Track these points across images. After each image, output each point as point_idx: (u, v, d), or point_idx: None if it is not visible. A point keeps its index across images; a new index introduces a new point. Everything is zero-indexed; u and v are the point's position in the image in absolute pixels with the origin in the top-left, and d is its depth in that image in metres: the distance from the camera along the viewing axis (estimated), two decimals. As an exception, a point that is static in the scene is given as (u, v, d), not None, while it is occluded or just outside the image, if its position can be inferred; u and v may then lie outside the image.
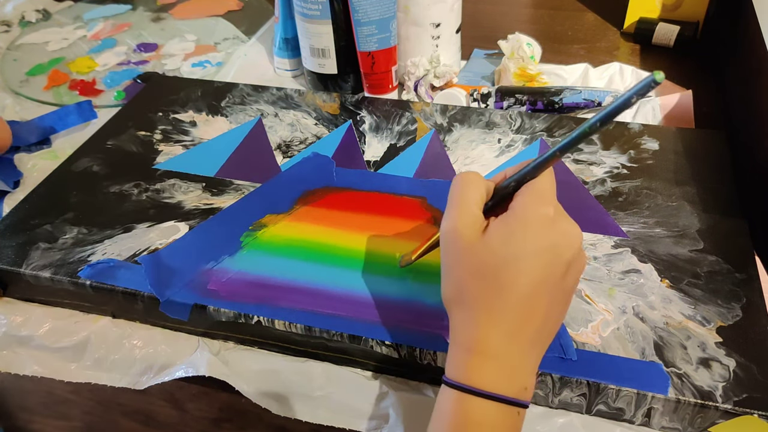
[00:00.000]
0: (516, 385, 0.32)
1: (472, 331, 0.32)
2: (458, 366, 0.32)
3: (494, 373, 0.31)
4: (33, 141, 0.65)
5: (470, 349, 0.32)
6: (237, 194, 0.53)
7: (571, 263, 0.32)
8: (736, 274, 0.43)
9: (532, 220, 0.31)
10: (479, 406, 0.31)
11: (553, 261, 0.31)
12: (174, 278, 0.45)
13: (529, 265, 0.31)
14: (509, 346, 0.31)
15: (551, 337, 0.33)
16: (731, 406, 0.36)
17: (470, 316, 0.32)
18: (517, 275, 0.31)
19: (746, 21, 0.64)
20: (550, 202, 0.32)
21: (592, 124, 0.30)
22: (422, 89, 0.67)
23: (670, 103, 0.64)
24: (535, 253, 0.31)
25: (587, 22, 0.84)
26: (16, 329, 0.47)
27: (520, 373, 0.32)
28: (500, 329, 0.31)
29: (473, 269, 0.32)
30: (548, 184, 0.33)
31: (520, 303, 0.31)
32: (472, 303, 0.32)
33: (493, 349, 0.31)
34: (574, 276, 0.33)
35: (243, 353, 0.45)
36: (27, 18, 0.93)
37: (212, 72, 0.78)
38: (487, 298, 0.31)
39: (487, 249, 0.32)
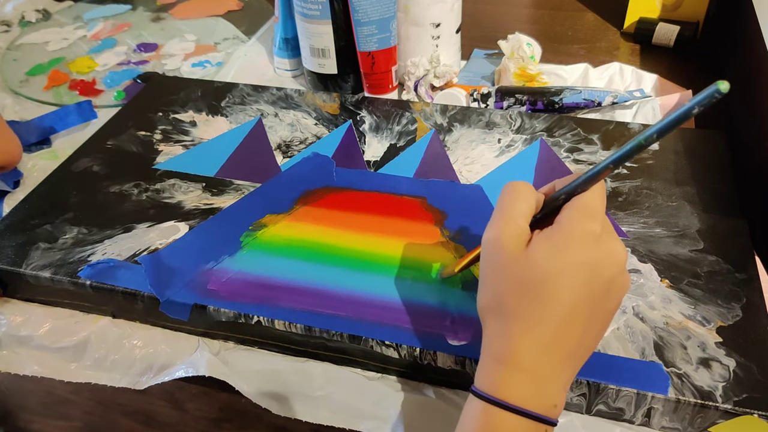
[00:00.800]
0: (545, 402, 0.31)
1: (506, 343, 0.31)
2: (488, 377, 0.32)
3: (524, 387, 0.31)
4: (33, 141, 0.65)
5: (502, 361, 0.31)
6: (237, 194, 0.53)
7: (613, 282, 0.31)
8: (736, 274, 0.43)
9: (577, 236, 0.31)
10: (506, 420, 0.31)
11: (594, 278, 0.31)
12: (174, 278, 0.45)
13: (570, 281, 0.30)
14: (542, 361, 0.31)
15: (586, 356, 0.32)
16: (731, 406, 0.36)
17: (506, 328, 0.32)
18: (556, 290, 0.30)
19: (746, 21, 0.64)
20: (597, 218, 0.31)
21: (648, 135, 0.29)
22: (422, 89, 0.67)
23: (670, 103, 0.64)
24: (577, 269, 0.30)
25: (587, 22, 0.84)
26: (16, 329, 0.47)
27: (551, 389, 0.31)
28: (535, 343, 0.31)
29: (514, 282, 0.31)
30: (597, 200, 0.32)
31: (557, 318, 0.31)
32: (509, 315, 0.32)
33: (526, 363, 0.31)
34: (616, 296, 0.32)
35: (243, 353, 0.45)
36: (27, 18, 0.93)
37: (212, 72, 0.78)
38: (525, 311, 0.31)
39: (530, 263, 0.31)
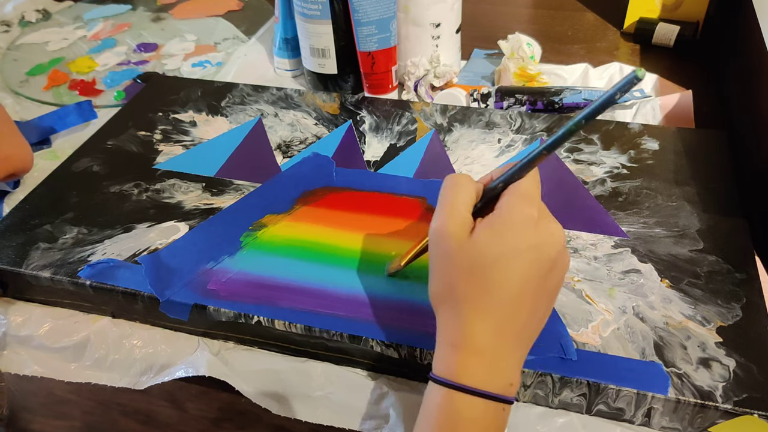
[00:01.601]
0: (502, 382, 0.32)
1: (459, 328, 0.33)
2: (445, 362, 0.33)
3: (480, 369, 0.32)
4: (33, 141, 0.65)
5: (456, 345, 0.33)
6: (237, 194, 0.53)
7: (555, 261, 0.33)
8: (736, 274, 0.43)
9: (517, 221, 0.32)
10: (465, 402, 0.32)
11: (538, 259, 0.32)
12: (174, 278, 0.45)
13: (515, 264, 0.32)
14: (496, 342, 0.32)
15: (536, 334, 0.34)
16: (731, 406, 0.36)
17: (457, 314, 0.33)
18: (503, 273, 0.32)
19: (746, 21, 0.64)
20: (533, 202, 0.33)
21: (577, 121, 0.31)
22: (422, 89, 0.67)
23: (670, 103, 0.64)
24: (520, 252, 0.32)
25: (587, 22, 0.84)
26: (16, 329, 0.47)
27: (505, 369, 0.33)
28: (487, 325, 0.32)
29: (461, 268, 0.33)
30: (532, 185, 0.34)
31: (506, 300, 0.32)
32: (460, 301, 0.33)
33: (480, 345, 0.32)
34: (559, 274, 0.34)
35: (243, 353, 0.45)
36: (27, 18, 0.93)
37: (212, 72, 0.78)
38: (475, 296, 0.32)
39: (475, 249, 0.32)
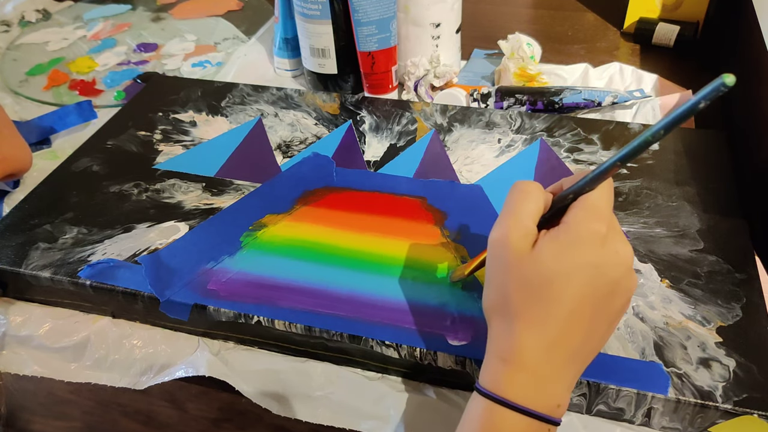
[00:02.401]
0: (549, 401, 0.31)
1: (511, 342, 0.32)
2: (492, 375, 0.32)
3: (528, 386, 0.31)
4: (33, 141, 0.65)
5: (506, 360, 0.32)
6: (237, 194, 0.53)
7: (617, 283, 0.31)
8: (736, 274, 0.43)
9: (583, 237, 0.31)
10: (508, 418, 0.31)
11: (598, 279, 0.31)
12: (174, 278, 0.45)
13: (574, 282, 0.31)
14: (546, 360, 0.31)
15: (591, 357, 0.33)
16: (731, 406, 0.36)
17: (510, 327, 0.32)
18: (561, 290, 0.31)
19: (746, 21, 0.64)
20: (603, 218, 0.31)
21: (655, 131, 0.29)
22: (422, 89, 0.67)
23: (670, 103, 0.64)
24: (581, 270, 0.31)
25: (587, 22, 0.84)
26: (16, 329, 0.47)
27: (554, 389, 0.32)
28: (538, 342, 0.31)
29: (520, 281, 0.32)
30: (603, 199, 0.32)
31: (561, 318, 0.31)
32: (514, 314, 0.32)
33: (529, 362, 0.31)
34: (622, 297, 0.32)
35: (243, 353, 0.45)
36: (27, 18, 0.93)
37: (212, 72, 0.78)
38: (530, 311, 0.31)
39: (536, 263, 0.31)
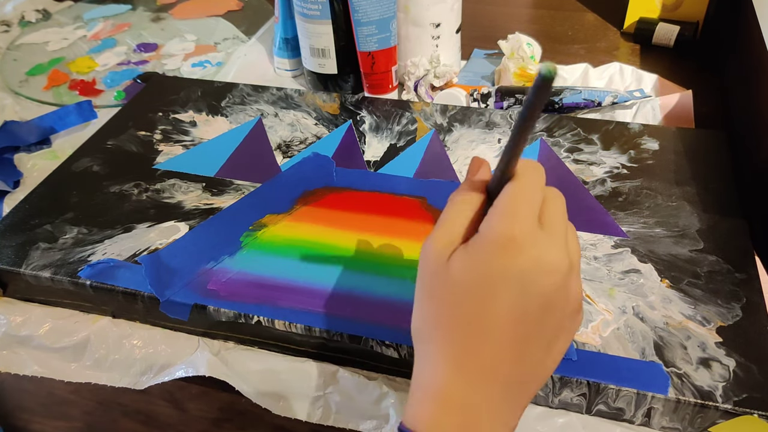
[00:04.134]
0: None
1: (429, 373, 0.28)
2: (413, 411, 0.28)
3: (442, 418, 0.27)
4: (33, 141, 0.65)
5: (427, 394, 0.28)
6: (237, 194, 0.53)
7: (547, 296, 0.27)
8: (736, 274, 0.43)
9: (493, 242, 0.26)
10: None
11: (518, 292, 0.26)
12: (174, 278, 0.45)
13: (487, 296, 0.26)
14: (469, 394, 0.27)
15: (532, 386, 0.28)
16: (731, 406, 0.36)
17: (426, 355, 0.28)
18: (474, 309, 0.27)
19: (746, 21, 0.64)
20: (517, 218, 0.26)
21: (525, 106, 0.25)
22: (422, 89, 0.67)
23: (670, 103, 0.64)
24: (494, 282, 0.26)
25: (587, 22, 0.84)
26: (16, 329, 0.47)
27: (478, 423, 0.27)
28: (457, 372, 0.27)
29: (433, 299, 0.28)
30: (522, 194, 0.27)
31: (478, 343, 0.27)
32: (430, 338, 0.28)
33: (450, 397, 0.27)
34: (556, 314, 0.27)
35: (243, 353, 0.45)
36: (27, 18, 0.92)
37: (212, 72, 0.78)
38: (444, 335, 0.27)
39: (446, 278, 0.27)
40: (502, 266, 0.26)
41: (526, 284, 0.26)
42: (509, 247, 0.26)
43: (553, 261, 0.27)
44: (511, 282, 0.26)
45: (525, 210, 0.27)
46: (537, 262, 0.26)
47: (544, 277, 0.26)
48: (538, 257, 0.26)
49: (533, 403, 0.40)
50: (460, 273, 0.27)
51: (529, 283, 0.26)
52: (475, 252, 0.27)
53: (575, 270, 0.28)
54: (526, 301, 0.26)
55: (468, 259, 0.27)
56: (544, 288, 0.26)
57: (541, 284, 0.26)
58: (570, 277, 0.27)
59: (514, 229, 0.26)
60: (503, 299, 0.26)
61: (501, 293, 0.26)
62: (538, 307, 0.27)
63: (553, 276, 0.27)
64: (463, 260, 0.27)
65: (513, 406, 0.28)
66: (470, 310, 0.27)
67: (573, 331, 0.29)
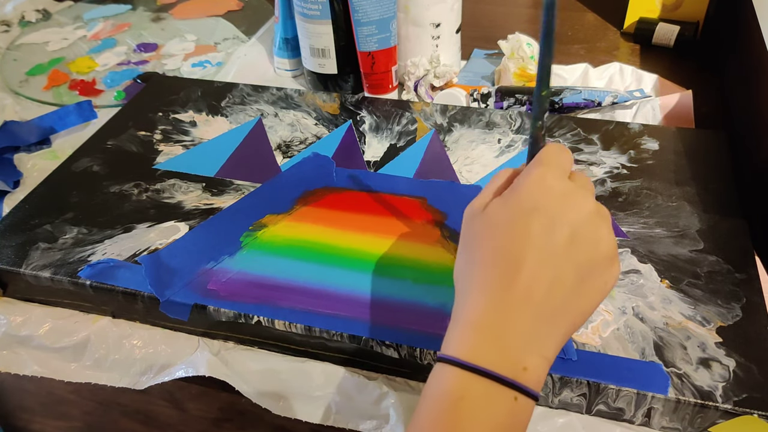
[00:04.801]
0: (511, 363, 0.28)
1: (465, 302, 0.30)
2: (447, 339, 0.30)
3: (471, 340, 0.28)
4: (33, 141, 0.65)
5: (456, 320, 0.30)
6: (237, 194, 0.53)
7: (574, 227, 0.29)
8: (736, 274, 0.43)
9: (523, 184, 0.30)
10: (459, 378, 0.27)
11: (547, 224, 0.29)
12: (174, 278, 0.45)
13: (519, 228, 0.29)
14: (496, 315, 0.28)
15: (564, 319, 0.29)
16: (731, 406, 0.36)
17: (461, 288, 0.31)
18: (503, 240, 0.29)
19: (746, 21, 0.64)
20: (541, 165, 0.30)
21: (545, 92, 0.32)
22: (422, 89, 0.67)
23: (670, 103, 0.64)
24: (525, 215, 0.29)
25: (587, 22, 0.84)
26: (16, 329, 0.47)
27: (516, 349, 0.28)
28: (485, 297, 0.29)
29: (467, 240, 0.31)
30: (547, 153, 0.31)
31: (506, 269, 0.29)
32: (468, 275, 0.30)
33: (477, 318, 0.29)
34: (585, 245, 0.29)
35: (243, 353, 0.45)
36: (27, 18, 0.92)
37: (212, 72, 0.78)
38: (473, 267, 0.30)
39: (483, 219, 0.31)
40: (534, 201, 0.29)
41: (554, 216, 0.29)
42: (540, 185, 0.29)
43: (580, 200, 0.30)
44: (541, 213, 0.29)
45: (555, 162, 0.31)
46: (565, 198, 0.29)
47: (572, 212, 0.29)
48: (566, 195, 0.29)
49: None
50: (495, 214, 0.30)
51: (557, 214, 0.29)
52: (509, 196, 0.30)
53: (605, 218, 0.30)
54: (555, 230, 0.29)
55: (502, 202, 0.30)
56: (571, 219, 0.29)
57: (569, 216, 0.29)
58: (598, 218, 0.30)
59: (546, 174, 0.30)
60: (534, 228, 0.29)
61: (532, 224, 0.29)
62: (567, 236, 0.29)
63: (580, 211, 0.29)
64: (498, 204, 0.30)
65: (548, 336, 0.29)
66: (503, 243, 0.29)
67: (610, 277, 0.30)
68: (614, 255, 0.30)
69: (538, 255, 0.29)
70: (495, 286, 0.29)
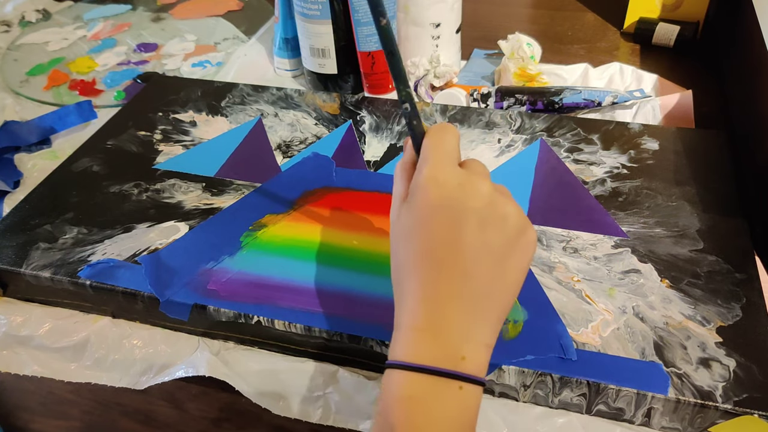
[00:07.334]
0: (449, 355, 0.29)
1: (398, 309, 0.31)
2: (391, 346, 0.31)
3: (412, 342, 0.30)
4: (33, 141, 0.65)
5: (398, 327, 0.31)
6: (237, 194, 0.53)
7: (478, 213, 0.30)
8: (736, 274, 0.43)
9: (419, 187, 0.31)
10: (406, 379, 0.29)
11: (452, 219, 0.30)
12: (174, 278, 0.45)
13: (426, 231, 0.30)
14: (425, 312, 0.30)
15: (493, 303, 0.31)
16: (731, 406, 0.36)
17: (396, 296, 0.32)
18: (420, 243, 0.30)
19: (746, 21, 0.64)
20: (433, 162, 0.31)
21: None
22: (422, 89, 0.67)
23: (670, 103, 0.64)
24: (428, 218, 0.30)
25: (587, 22, 0.84)
26: (16, 329, 0.47)
27: (450, 341, 0.29)
28: (420, 300, 0.30)
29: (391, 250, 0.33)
30: (429, 145, 0.32)
31: (431, 269, 0.30)
32: (394, 282, 0.32)
33: (408, 318, 0.30)
34: (494, 226, 0.30)
35: (243, 353, 0.45)
36: (27, 18, 0.93)
37: (212, 72, 0.78)
38: (404, 274, 0.31)
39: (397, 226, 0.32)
40: (433, 200, 0.30)
41: (455, 208, 0.30)
42: (434, 184, 0.31)
43: (477, 186, 0.31)
44: (444, 210, 0.30)
45: (440, 154, 0.32)
46: (462, 189, 0.30)
47: (472, 200, 0.30)
48: (462, 185, 0.30)
49: (533, 403, 0.40)
50: (405, 220, 0.31)
51: (458, 206, 0.30)
52: (411, 201, 0.31)
53: (505, 193, 0.32)
54: (461, 221, 0.30)
55: (407, 207, 0.32)
56: (474, 206, 0.30)
57: (471, 204, 0.30)
58: (499, 196, 0.31)
59: (436, 171, 0.31)
60: (441, 225, 0.30)
61: (437, 221, 0.30)
62: (475, 225, 0.30)
63: (480, 196, 0.30)
64: (405, 210, 0.32)
65: (482, 323, 0.30)
66: (418, 247, 0.30)
67: (528, 245, 0.32)
68: (525, 224, 0.32)
69: (453, 250, 0.30)
70: (421, 288, 0.30)
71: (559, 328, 0.40)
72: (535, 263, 0.45)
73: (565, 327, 0.41)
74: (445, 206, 0.30)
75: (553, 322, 0.41)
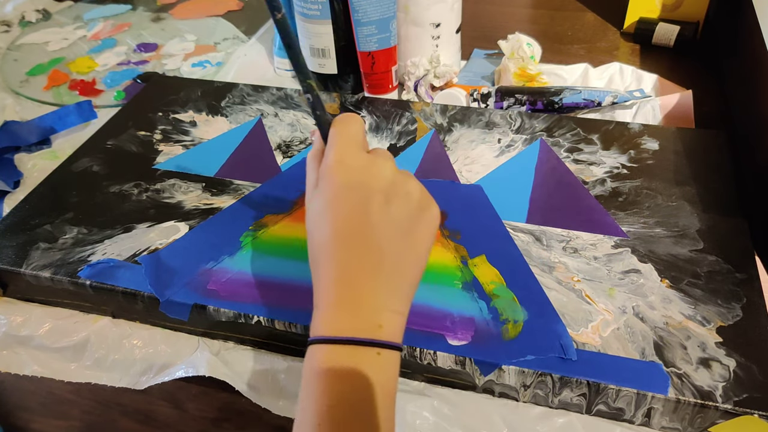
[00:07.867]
0: (365, 325, 0.31)
1: (315, 291, 0.33)
2: (312, 325, 0.32)
3: (327, 317, 0.31)
4: (33, 141, 0.65)
5: (317, 306, 0.32)
6: (237, 194, 0.53)
7: (385, 192, 0.32)
8: (736, 274, 0.43)
9: (327, 171, 0.33)
10: (327, 352, 0.30)
11: (359, 198, 0.32)
12: (174, 278, 0.45)
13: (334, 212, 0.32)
14: (346, 291, 0.31)
15: (403, 275, 0.33)
16: (731, 406, 0.36)
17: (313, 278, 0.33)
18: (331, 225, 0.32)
19: (746, 21, 0.64)
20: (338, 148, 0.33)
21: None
22: (422, 89, 0.67)
23: (670, 103, 0.64)
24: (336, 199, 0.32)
25: (587, 22, 0.84)
26: (16, 329, 0.47)
27: (366, 312, 0.31)
28: (326, 274, 0.32)
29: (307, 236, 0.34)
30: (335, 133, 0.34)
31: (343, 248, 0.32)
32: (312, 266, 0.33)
33: (323, 295, 0.32)
34: (398, 202, 0.33)
35: (243, 353, 0.45)
36: (27, 18, 0.93)
37: (212, 72, 0.78)
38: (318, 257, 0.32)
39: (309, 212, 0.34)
40: (340, 182, 0.32)
41: (361, 188, 0.32)
42: (340, 168, 0.33)
43: (381, 167, 0.33)
44: (351, 191, 0.32)
45: (345, 140, 0.34)
46: (368, 171, 0.33)
47: (377, 179, 0.33)
48: (367, 167, 0.33)
49: (533, 403, 0.40)
50: (316, 205, 0.33)
51: (363, 187, 0.32)
52: (321, 185, 0.33)
53: (408, 174, 0.34)
54: (367, 200, 0.32)
55: (318, 193, 0.33)
56: (379, 186, 0.32)
57: (376, 184, 0.32)
58: (402, 176, 0.34)
59: (342, 155, 0.33)
60: (348, 205, 0.32)
61: (345, 202, 0.32)
62: (380, 202, 0.32)
63: (385, 176, 0.33)
64: (315, 196, 0.33)
65: (395, 293, 0.32)
66: (329, 227, 0.32)
67: (431, 219, 0.34)
68: (428, 200, 0.34)
69: (362, 228, 0.32)
70: (336, 267, 0.32)
71: (559, 328, 0.40)
72: (535, 263, 0.45)
73: (565, 327, 0.41)
74: (351, 187, 0.32)
75: (553, 322, 0.41)
